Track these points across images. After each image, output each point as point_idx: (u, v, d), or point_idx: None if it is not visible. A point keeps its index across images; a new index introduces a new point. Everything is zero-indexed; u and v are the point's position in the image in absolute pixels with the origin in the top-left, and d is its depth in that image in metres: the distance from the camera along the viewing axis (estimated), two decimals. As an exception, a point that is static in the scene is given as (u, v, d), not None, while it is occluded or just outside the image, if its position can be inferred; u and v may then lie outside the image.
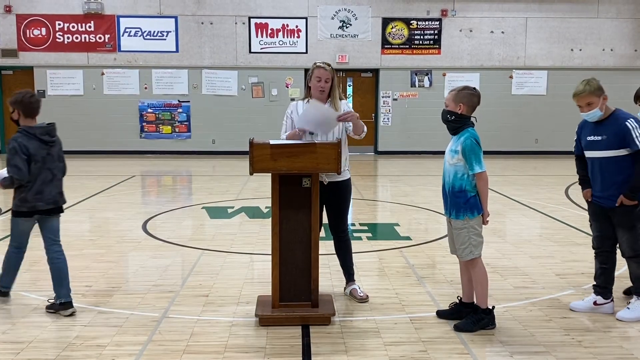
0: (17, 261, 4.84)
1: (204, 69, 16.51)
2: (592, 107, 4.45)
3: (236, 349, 4.01)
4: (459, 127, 4.33)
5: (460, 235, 4.30)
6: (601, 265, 4.70)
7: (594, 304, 4.67)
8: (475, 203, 4.26)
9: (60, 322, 4.46)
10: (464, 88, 4.43)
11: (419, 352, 3.97)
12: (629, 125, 4.36)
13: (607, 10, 16.74)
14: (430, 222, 8.25)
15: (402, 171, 13.97)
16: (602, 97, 4.45)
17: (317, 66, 4.79)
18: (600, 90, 4.45)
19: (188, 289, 5.24)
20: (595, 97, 4.44)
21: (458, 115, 4.33)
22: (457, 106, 4.33)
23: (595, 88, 4.44)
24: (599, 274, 4.71)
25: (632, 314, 4.51)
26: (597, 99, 4.44)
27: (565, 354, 3.94)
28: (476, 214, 4.26)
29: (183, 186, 12.35)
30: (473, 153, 4.20)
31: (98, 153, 16.42)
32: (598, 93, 4.44)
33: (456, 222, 4.31)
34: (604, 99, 4.45)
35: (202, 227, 7.91)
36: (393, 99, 16.86)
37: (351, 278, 5.08)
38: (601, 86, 4.48)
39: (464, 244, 4.29)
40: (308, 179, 4.35)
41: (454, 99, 4.35)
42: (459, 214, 4.28)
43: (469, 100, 4.35)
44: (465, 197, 4.25)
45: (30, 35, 16.26)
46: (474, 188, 4.25)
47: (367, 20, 16.58)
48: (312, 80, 4.80)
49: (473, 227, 4.27)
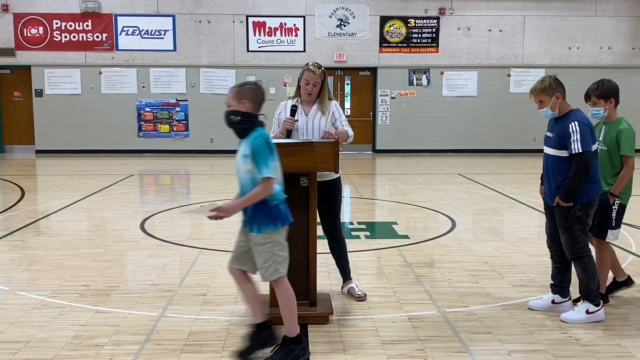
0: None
1: (202, 68, 16.50)
2: (543, 106, 4.41)
3: (234, 348, 4.00)
4: (247, 127, 3.70)
5: (263, 251, 3.69)
6: (556, 265, 4.66)
7: (552, 303, 4.64)
8: (279, 213, 3.71)
9: (58, 321, 4.45)
10: (244, 84, 3.81)
11: (416, 351, 3.97)
12: (571, 127, 4.28)
13: (604, 9, 16.75)
14: (428, 221, 8.25)
15: (400, 170, 13.97)
16: (554, 95, 4.35)
17: (307, 68, 4.73)
18: (553, 89, 4.36)
19: (186, 288, 5.24)
20: (546, 95, 4.37)
21: (244, 114, 3.69)
22: (241, 104, 3.68)
23: (547, 87, 4.36)
24: (555, 273, 4.69)
25: (574, 315, 4.43)
26: (549, 98, 4.36)
27: (563, 352, 3.94)
28: (280, 226, 3.70)
29: (181, 185, 12.34)
30: (261, 155, 3.59)
31: (96, 152, 16.41)
32: (549, 92, 4.35)
33: (257, 236, 3.68)
34: (557, 98, 4.36)
35: (200, 226, 7.90)
36: (391, 97, 16.86)
37: (348, 277, 5.08)
38: (556, 85, 4.39)
39: (267, 261, 3.69)
40: (306, 178, 4.35)
41: (236, 97, 3.71)
42: (261, 227, 3.67)
43: (253, 95, 3.72)
44: (267, 207, 3.68)
45: (28, 34, 16.24)
46: (275, 195, 3.70)
47: (364, 18, 16.57)
48: (301, 82, 4.78)
49: (277, 242, 3.71)
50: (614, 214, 4.69)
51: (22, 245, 6.76)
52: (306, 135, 4.74)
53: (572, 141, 4.26)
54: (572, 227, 4.38)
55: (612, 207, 4.67)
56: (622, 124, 4.69)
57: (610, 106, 4.72)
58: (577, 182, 4.28)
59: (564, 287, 4.65)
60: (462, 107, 16.87)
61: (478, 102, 16.88)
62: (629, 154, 4.61)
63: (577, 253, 4.41)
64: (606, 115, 4.73)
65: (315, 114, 4.78)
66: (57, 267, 5.84)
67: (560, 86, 4.40)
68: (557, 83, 4.40)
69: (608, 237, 4.74)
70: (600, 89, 4.70)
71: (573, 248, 4.41)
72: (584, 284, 4.46)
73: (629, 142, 4.62)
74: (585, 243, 4.43)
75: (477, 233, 7.40)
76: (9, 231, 7.40)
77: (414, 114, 16.80)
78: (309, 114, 4.79)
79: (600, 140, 4.75)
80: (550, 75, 4.51)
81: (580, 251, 4.41)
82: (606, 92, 4.70)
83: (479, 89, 16.86)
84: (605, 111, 4.72)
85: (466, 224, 7.89)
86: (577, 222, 4.36)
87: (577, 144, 4.24)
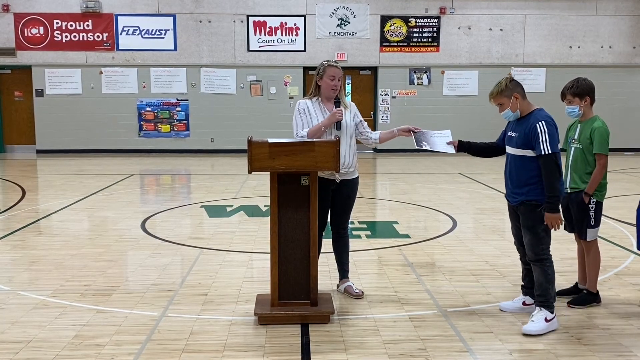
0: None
1: (203, 68, 16.50)
2: (503, 108, 4.35)
3: (235, 347, 4.00)
4: None
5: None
6: (526, 266, 4.56)
7: (523, 304, 4.58)
8: None
9: (59, 321, 4.45)
10: None
11: (417, 350, 3.97)
12: (538, 127, 4.18)
13: (605, 8, 16.74)
14: (429, 220, 8.25)
15: (401, 169, 13.97)
16: (512, 96, 4.29)
17: (330, 65, 4.73)
18: (510, 90, 4.29)
19: (187, 288, 5.24)
20: (505, 97, 4.31)
21: None
22: None
23: (504, 89, 4.30)
24: (525, 274, 4.61)
25: (535, 326, 4.22)
26: (507, 99, 4.31)
27: (564, 351, 3.94)
28: None
29: (182, 185, 12.33)
30: None
31: (96, 152, 16.41)
32: (507, 93, 4.30)
33: None
34: (515, 98, 4.29)
35: (201, 226, 7.90)
36: (392, 96, 16.85)
37: (345, 275, 5.10)
38: (513, 85, 4.31)
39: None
40: (307, 178, 4.35)
41: None
42: None
43: None
44: None
45: (28, 34, 16.24)
46: None
47: (365, 18, 16.56)
48: (325, 79, 4.72)
49: None
50: (591, 213, 4.67)
51: (23, 245, 6.76)
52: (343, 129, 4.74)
53: (541, 142, 4.16)
54: (536, 227, 4.28)
55: (589, 206, 4.65)
56: (597, 122, 4.68)
57: (586, 104, 4.71)
58: (555, 181, 4.17)
59: (534, 289, 4.46)
60: (463, 106, 16.85)
61: (479, 101, 16.85)
62: (602, 152, 4.60)
63: (540, 254, 4.31)
64: (581, 113, 4.73)
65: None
66: (58, 267, 5.84)
67: (518, 86, 4.33)
68: (513, 84, 4.33)
69: (588, 236, 4.71)
70: (575, 87, 4.70)
71: (535, 249, 4.31)
72: (542, 289, 4.31)
73: (603, 141, 4.60)
74: (547, 245, 4.34)
75: (478, 232, 7.39)
76: (10, 231, 7.40)
77: (415, 113, 16.77)
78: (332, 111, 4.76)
79: (575, 139, 4.76)
80: (506, 76, 4.46)
81: (542, 253, 4.31)
82: (581, 90, 4.69)
83: (480, 89, 16.83)
84: (580, 109, 4.71)
85: (467, 224, 7.88)
86: (541, 222, 4.26)
87: (546, 145, 4.15)
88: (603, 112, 16.78)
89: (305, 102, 4.83)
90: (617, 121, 15.83)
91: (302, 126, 4.72)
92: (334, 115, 4.66)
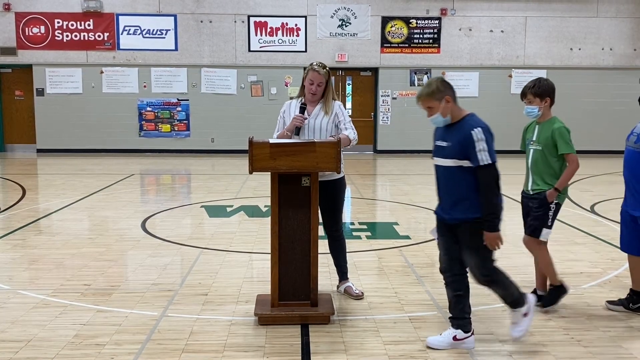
0: None
1: (203, 68, 16.50)
2: (432, 112, 3.90)
3: (235, 348, 4.00)
4: None
5: None
6: (455, 292, 4.04)
7: (453, 339, 4.00)
8: None
9: (59, 320, 4.45)
10: None
11: (418, 352, 3.97)
12: (473, 135, 3.75)
13: (606, 10, 16.74)
14: (430, 221, 8.21)
15: (401, 170, 13.97)
16: (444, 99, 3.85)
17: (312, 68, 4.73)
18: (442, 92, 3.85)
19: (187, 288, 5.24)
20: (435, 100, 3.86)
21: None
22: None
23: (434, 90, 3.86)
24: (454, 303, 4.05)
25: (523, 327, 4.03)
26: (437, 103, 3.85)
27: (564, 354, 3.94)
28: None
29: (182, 185, 12.33)
30: None
31: (97, 151, 16.41)
32: (438, 96, 3.84)
33: None
34: (447, 102, 3.85)
35: (201, 226, 7.90)
36: (392, 97, 16.86)
37: (344, 276, 5.10)
38: (444, 87, 3.88)
39: None
40: (307, 178, 4.35)
41: None
42: None
43: None
44: None
45: (29, 33, 16.24)
46: None
47: (366, 19, 16.57)
48: (305, 83, 4.78)
49: None
50: (551, 213, 4.62)
51: (23, 244, 6.76)
52: (308, 135, 4.75)
53: (478, 151, 3.75)
54: (481, 248, 3.85)
55: (551, 205, 4.61)
56: (556, 123, 4.63)
57: (545, 105, 4.69)
58: (493, 196, 3.80)
59: (465, 320, 4.03)
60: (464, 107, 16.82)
61: (479, 102, 16.85)
62: (568, 151, 4.54)
63: (488, 275, 3.90)
64: (540, 114, 4.70)
65: (318, 113, 4.78)
66: (58, 266, 5.84)
67: (449, 88, 3.91)
68: (445, 85, 3.90)
69: (542, 235, 4.64)
70: (537, 87, 4.67)
71: (483, 270, 3.89)
72: (508, 298, 4.00)
73: (567, 140, 4.55)
74: (493, 261, 3.95)
75: (478, 234, 7.38)
76: (10, 230, 7.40)
77: (415, 114, 16.76)
78: (312, 114, 4.79)
79: (534, 140, 4.71)
80: (438, 77, 4.11)
81: (492, 269, 3.93)
82: (542, 90, 4.67)
83: (480, 90, 16.85)
84: (540, 110, 4.69)
85: (467, 225, 7.87)
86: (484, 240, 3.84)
87: (485, 155, 3.75)
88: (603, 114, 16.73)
89: (289, 104, 4.94)
90: (617, 123, 15.82)
91: (277, 129, 4.86)
92: (293, 121, 4.72)
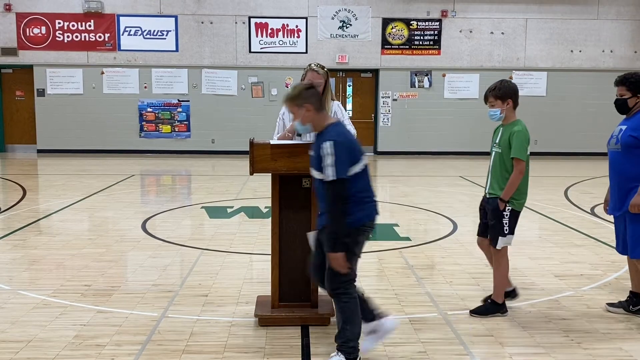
0: None
1: (204, 69, 16.51)
2: (294, 118, 3.76)
3: (235, 349, 4.01)
4: None
5: None
6: None
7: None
8: None
9: (60, 321, 4.46)
10: None
11: (418, 353, 3.97)
12: (324, 149, 3.51)
13: (606, 12, 16.74)
14: (430, 223, 8.25)
15: (401, 172, 13.97)
16: (304, 107, 3.65)
17: (311, 69, 4.73)
18: (304, 99, 3.65)
19: (187, 289, 5.24)
20: (295, 106, 3.69)
21: None
22: None
23: (295, 96, 3.69)
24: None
25: None
26: (297, 109, 3.68)
27: (564, 356, 3.94)
28: None
29: (182, 186, 12.34)
30: None
31: (97, 152, 16.41)
32: (299, 102, 3.66)
33: None
34: (307, 110, 3.64)
35: (202, 227, 7.90)
36: (393, 99, 16.86)
37: None
38: (308, 94, 3.66)
39: None
40: (308, 179, 4.35)
41: None
42: None
43: None
44: None
45: (30, 33, 16.25)
46: None
47: (367, 20, 16.58)
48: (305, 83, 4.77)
49: None
50: (505, 221, 4.48)
51: (24, 244, 6.77)
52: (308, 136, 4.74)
53: (325, 166, 3.51)
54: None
55: (504, 213, 4.49)
56: (517, 126, 4.53)
57: (508, 107, 4.57)
58: (336, 214, 3.53)
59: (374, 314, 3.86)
60: (464, 109, 16.85)
61: (480, 104, 16.78)
62: (518, 156, 4.41)
63: (337, 288, 3.64)
64: (503, 116, 4.59)
65: None
66: (58, 267, 5.85)
67: (313, 96, 3.68)
68: (309, 92, 3.70)
69: (499, 244, 4.51)
70: (498, 89, 4.56)
71: (333, 282, 3.65)
72: (340, 330, 3.70)
73: (521, 145, 4.42)
74: (350, 278, 3.65)
75: (479, 235, 7.39)
76: (11, 230, 7.40)
77: (416, 116, 16.80)
78: None
79: (496, 143, 4.62)
80: (305, 83, 4.00)
81: (341, 286, 3.64)
82: (504, 92, 4.54)
83: (481, 92, 16.81)
84: (502, 112, 4.57)
85: (467, 227, 7.88)
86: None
87: (331, 170, 3.49)
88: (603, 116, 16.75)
89: None
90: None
91: (276, 131, 4.86)
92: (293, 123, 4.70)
